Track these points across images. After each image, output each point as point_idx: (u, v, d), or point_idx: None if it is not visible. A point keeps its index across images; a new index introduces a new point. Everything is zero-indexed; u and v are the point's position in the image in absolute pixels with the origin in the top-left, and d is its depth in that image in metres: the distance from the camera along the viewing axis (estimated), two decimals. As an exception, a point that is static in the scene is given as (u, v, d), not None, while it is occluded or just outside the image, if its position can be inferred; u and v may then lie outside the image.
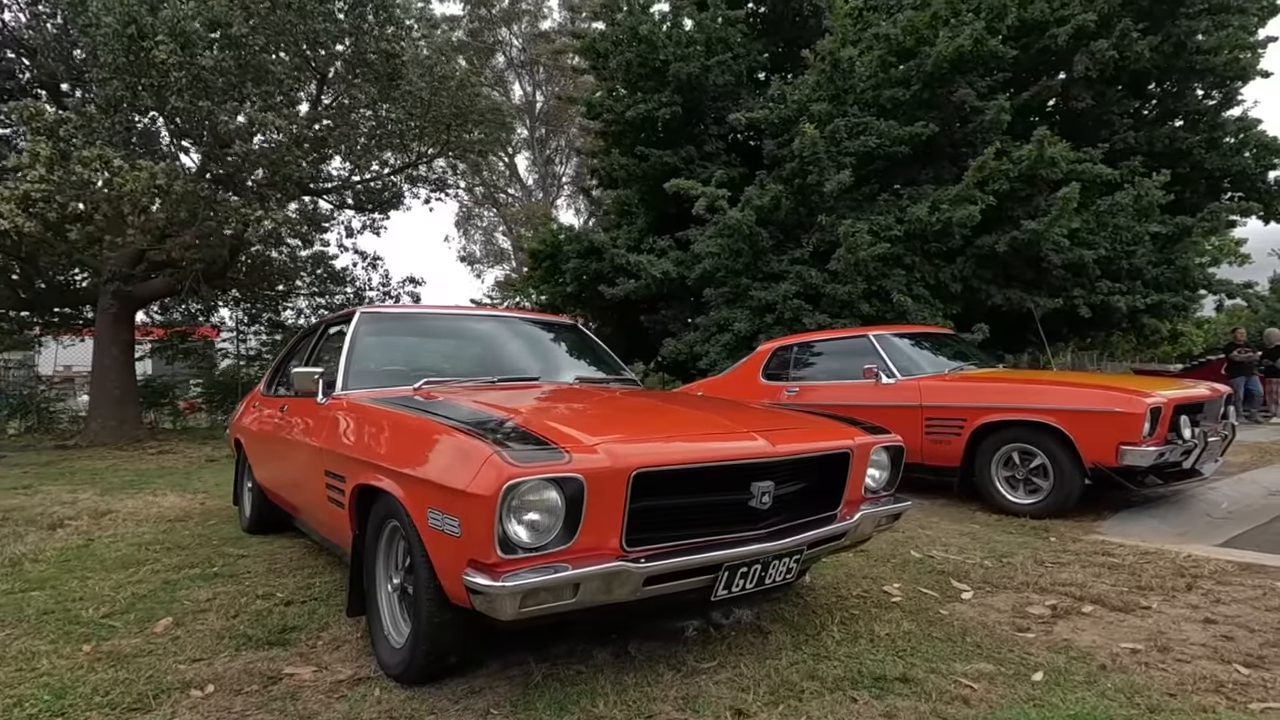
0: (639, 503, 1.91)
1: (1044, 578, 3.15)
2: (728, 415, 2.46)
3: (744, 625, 2.59)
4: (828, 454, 2.39)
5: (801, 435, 2.38)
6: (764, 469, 2.13)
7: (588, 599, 1.82)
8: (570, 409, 2.56)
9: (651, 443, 2.05)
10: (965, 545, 3.79)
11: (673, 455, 1.98)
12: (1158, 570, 3.22)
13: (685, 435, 2.21)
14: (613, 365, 3.79)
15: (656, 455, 1.94)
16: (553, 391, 2.98)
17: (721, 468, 2.05)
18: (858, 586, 3.08)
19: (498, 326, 3.72)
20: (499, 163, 37.57)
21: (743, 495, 2.12)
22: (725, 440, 2.16)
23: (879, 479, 2.67)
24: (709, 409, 2.63)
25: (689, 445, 2.08)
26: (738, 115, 11.64)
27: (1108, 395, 4.24)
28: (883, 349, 5.47)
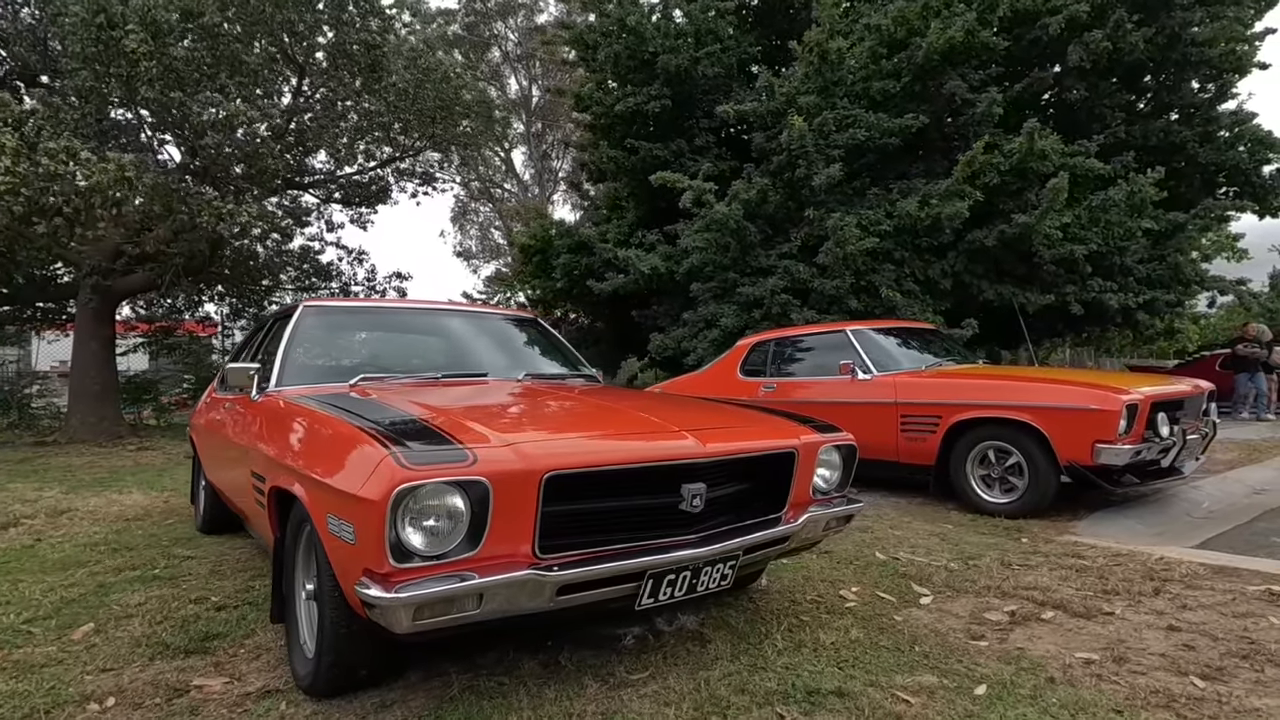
0: (554, 506, 1.80)
1: (1008, 581, 3.04)
2: (665, 413, 2.34)
3: (686, 632, 2.48)
4: (769, 454, 2.27)
5: (739, 434, 2.27)
6: (694, 470, 2.02)
7: (495, 610, 1.71)
8: (501, 407, 2.45)
9: (568, 443, 1.94)
10: (934, 547, 3.68)
11: (589, 456, 1.86)
12: (1127, 573, 3.11)
13: (610, 434, 2.09)
14: (570, 361, 3.67)
15: (572, 456, 1.83)
16: (494, 389, 2.86)
17: (645, 469, 1.93)
18: (814, 590, 2.97)
19: (451, 321, 3.60)
20: (495, 157, 37.48)
21: (673, 498, 2.01)
22: (651, 440, 2.04)
23: (830, 479, 2.55)
24: (650, 407, 2.52)
25: (609, 445, 1.96)
26: (725, 108, 11.48)
27: (1083, 392, 4.12)
28: (859, 344, 5.36)
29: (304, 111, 9.88)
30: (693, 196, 10.71)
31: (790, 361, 6.00)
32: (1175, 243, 11.54)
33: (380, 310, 3.47)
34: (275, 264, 12.29)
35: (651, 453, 1.95)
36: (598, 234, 13.15)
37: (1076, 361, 27.10)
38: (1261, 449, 7.28)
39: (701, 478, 2.04)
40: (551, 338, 3.87)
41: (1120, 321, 13.32)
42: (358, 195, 13.35)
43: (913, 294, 10.24)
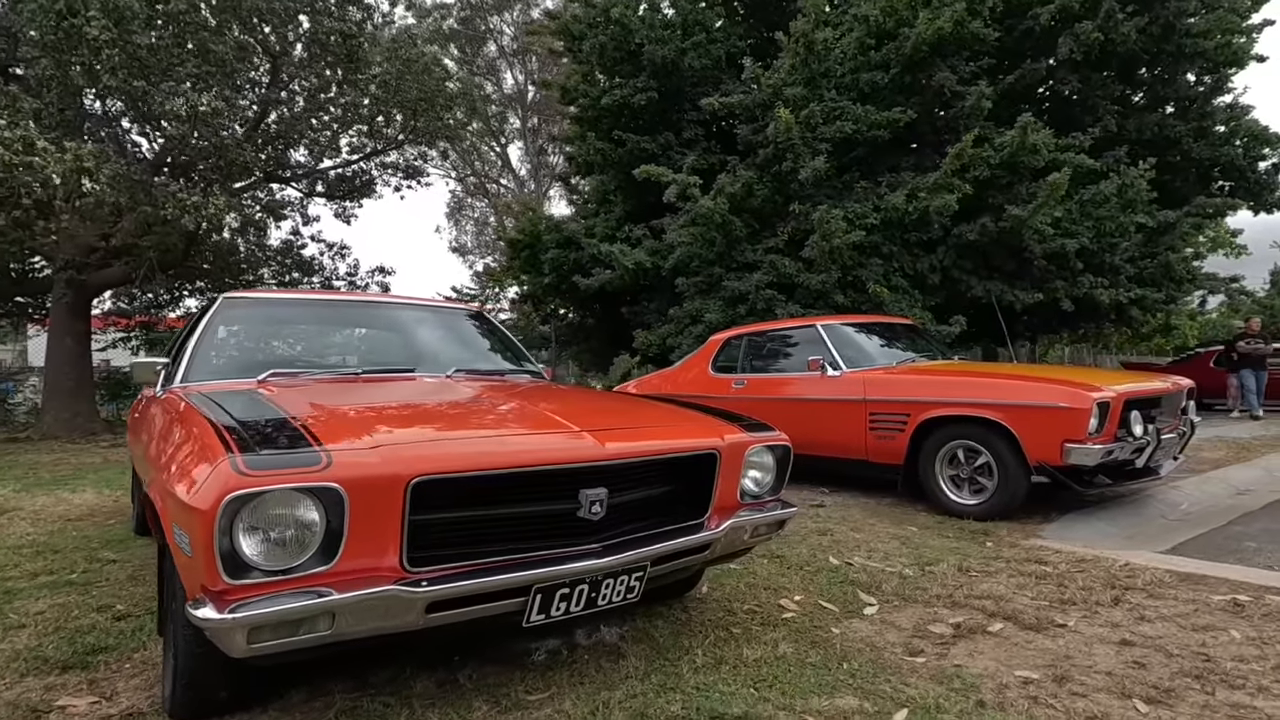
0: (429, 514, 1.64)
1: (962, 589, 2.87)
2: (575, 412, 2.17)
3: (605, 647, 2.32)
4: (686, 455, 2.11)
5: (651, 434, 2.10)
6: (593, 474, 1.85)
7: (354, 630, 1.55)
8: (402, 406, 2.28)
9: (444, 444, 1.77)
10: (892, 551, 3.51)
11: (464, 459, 1.69)
12: (1088, 581, 2.95)
13: (501, 435, 1.92)
14: (513, 356, 3.49)
15: (443, 459, 1.66)
16: (412, 386, 2.69)
17: (532, 473, 1.77)
18: (754, 598, 2.81)
19: (384, 315, 3.44)
20: (490, 152, 37.31)
21: (570, 504, 1.85)
22: (541, 441, 1.87)
23: (762, 482, 2.39)
24: (566, 406, 2.35)
25: (489, 446, 1.79)
26: (711, 100, 11.29)
27: (1052, 389, 3.95)
28: (829, 339, 5.19)
29: (280, 104, 9.69)
30: (677, 190, 10.54)
31: (762, 357, 5.83)
32: (1167, 240, 11.35)
33: (306, 303, 3.30)
34: (256, 259, 12.13)
35: (538, 455, 1.79)
36: (583, 228, 12.97)
37: (1076, 359, 26.90)
38: (1251, 448, 7.11)
39: (603, 482, 1.88)
40: (495, 332, 3.70)
41: (1114, 319, 13.16)
42: (341, 189, 13.18)
43: (901, 289, 10.06)
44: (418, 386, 2.68)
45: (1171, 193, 12.00)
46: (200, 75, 7.24)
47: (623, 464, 1.91)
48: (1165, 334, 19.26)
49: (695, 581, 2.82)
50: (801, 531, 3.94)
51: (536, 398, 2.49)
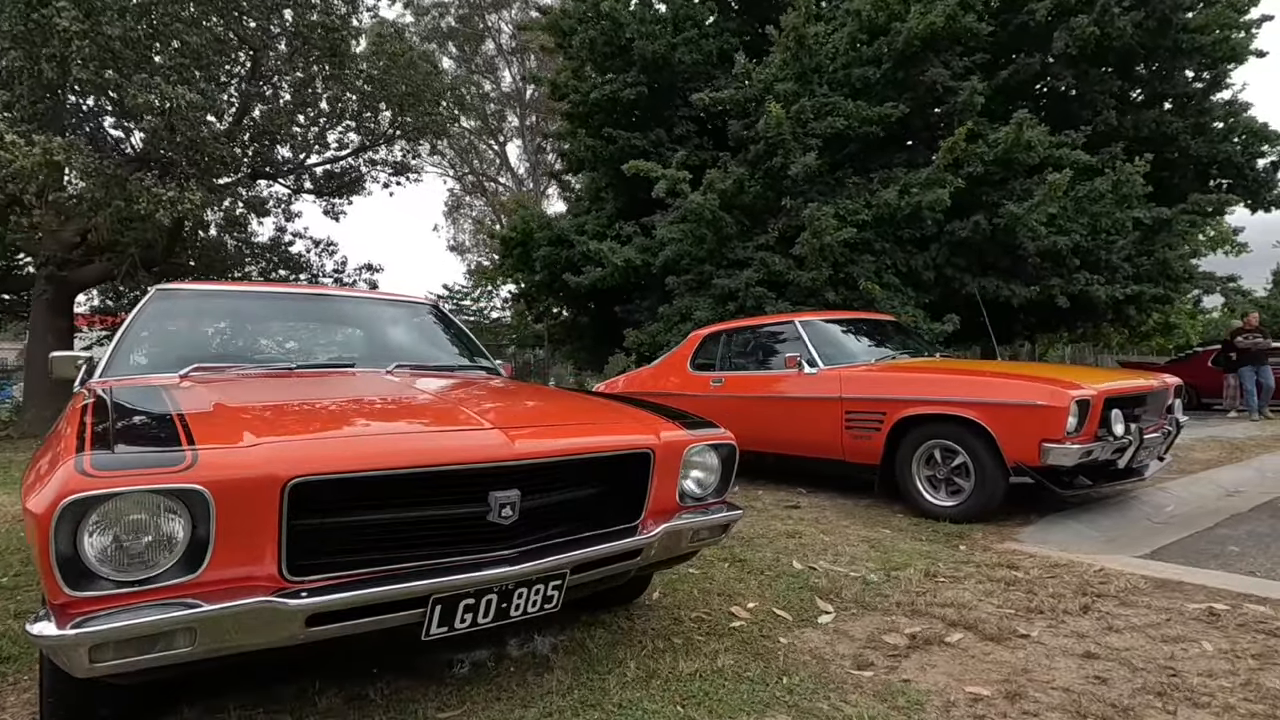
0: (312, 519, 1.51)
1: (926, 596, 2.73)
2: (493, 409, 2.04)
3: (536, 658, 2.18)
4: (614, 455, 1.97)
5: (574, 432, 1.97)
6: (503, 475, 1.72)
7: (222, 646, 1.42)
8: (311, 402, 2.13)
9: (330, 443, 1.63)
10: (860, 555, 3.37)
11: (351, 458, 1.55)
12: (1059, 588, 2.81)
13: (396, 432, 1.78)
14: (467, 352, 3.36)
15: (328, 459, 1.52)
16: (341, 381, 2.56)
17: (431, 474, 1.63)
18: (706, 605, 2.67)
19: (331, 308, 3.30)
20: (489, 151, 37.21)
21: (480, 507, 1.71)
22: (443, 439, 1.73)
23: (705, 483, 2.25)
24: (489, 400, 2.22)
25: (382, 446, 1.65)
26: (701, 95, 11.14)
27: (1030, 387, 3.80)
28: (808, 336, 5.04)
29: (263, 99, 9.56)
30: (666, 186, 10.40)
31: (741, 354, 5.69)
32: (1164, 237, 11.18)
33: (246, 295, 3.16)
34: (242, 255, 12.02)
35: (437, 454, 1.65)
36: (574, 226, 12.85)
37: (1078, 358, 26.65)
38: (1244, 448, 6.95)
39: (515, 484, 1.74)
40: (450, 327, 3.56)
41: (1111, 317, 12.99)
42: (329, 186, 13.06)
43: (893, 287, 9.91)
44: (348, 382, 2.54)
45: (1169, 190, 11.84)
46: (175, 68, 7.12)
47: (537, 464, 1.77)
48: (1165, 333, 19.08)
49: (643, 587, 2.69)
50: (770, 534, 3.80)
51: (467, 393, 2.35)
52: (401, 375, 2.76)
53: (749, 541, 3.64)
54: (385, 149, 13.06)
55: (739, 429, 5.42)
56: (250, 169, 11.28)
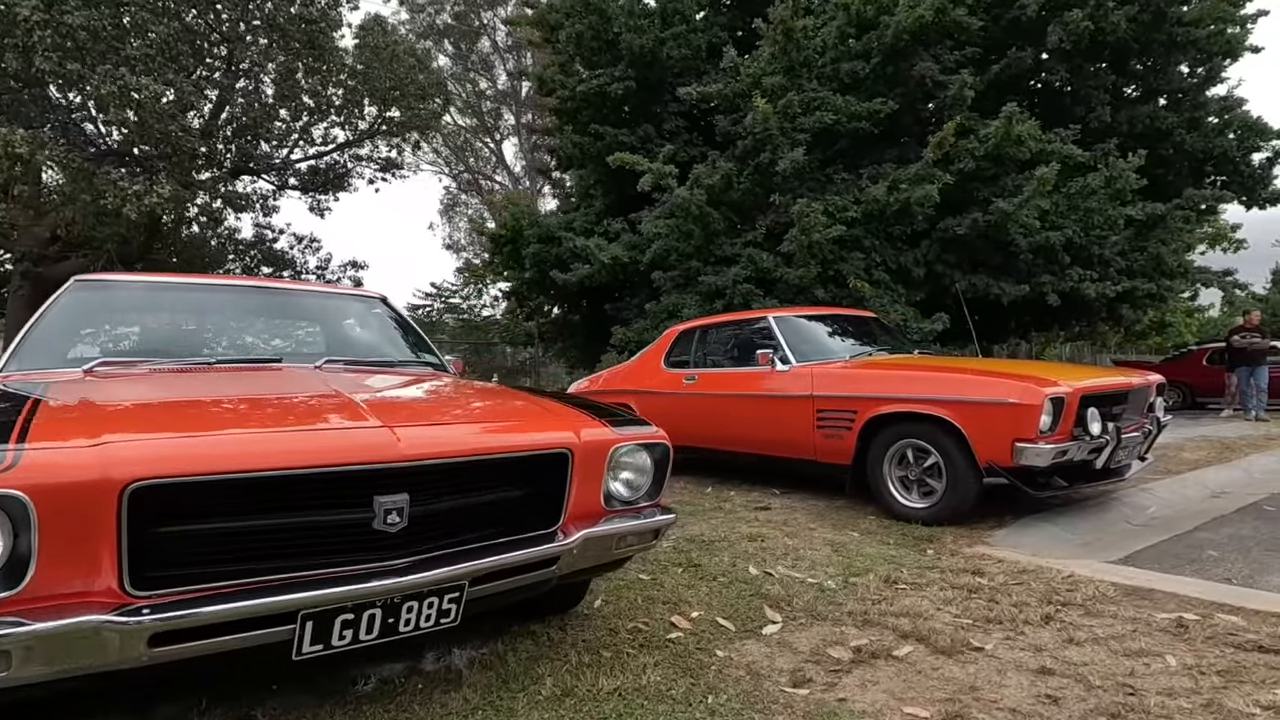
0: (160, 526, 1.36)
1: (882, 605, 2.58)
2: (393, 406, 1.90)
3: (450, 673, 2.03)
4: (523, 456, 1.82)
5: (478, 432, 1.82)
6: (388, 477, 1.57)
7: (47, 670, 1.27)
8: (199, 399, 1.98)
9: (180, 443, 1.47)
10: (822, 560, 3.22)
11: (203, 460, 1.40)
12: (1023, 595, 2.66)
13: (265, 431, 1.62)
14: (412, 347, 3.22)
15: (175, 460, 1.38)
16: (253, 377, 2.40)
17: (301, 477, 1.48)
18: (647, 614, 2.52)
19: (264, 300, 3.15)
20: (485, 149, 37.04)
21: (364, 513, 1.56)
22: (317, 439, 1.58)
23: (635, 485, 2.10)
24: (397, 397, 2.07)
25: (241, 446, 1.50)
26: (689, 89, 10.98)
27: (1002, 384, 3.65)
28: (781, 332, 4.89)
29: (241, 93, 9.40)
30: (652, 180, 10.24)
31: (714, 351, 5.55)
32: (1158, 233, 11.02)
33: (172, 287, 3.00)
34: (223, 252, 11.87)
35: (307, 456, 1.50)
36: (561, 223, 12.70)
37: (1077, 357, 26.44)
38: (1235, 447, 6.80)
39: (404, 487, 1.59)
40: (395, 321, 3.41)
41: (1105, 315, 12.84)
42: (314, 182, 12.91)
43: (883, 284, 9.77)
44: (265, 378, 2.39)
45: (1164, 187, 11.69)
46: (142, 59, 6.96)
47: (428, 466, 1.62)
48: (1160, 331, 18.91)
49: (579, 595, 2.54)
50: (733, 537, 3.66)
51: (384, 390, 2.21)
52: (331, 371, 2.62)
53: (709, 545, 3.49)
54: (370, 145, 12.90)
55: (712, 428, 5.33)
56: (232, 165, 11.14)
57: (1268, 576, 2.90)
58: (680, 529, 3.88)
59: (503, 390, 2.46)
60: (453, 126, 36.17)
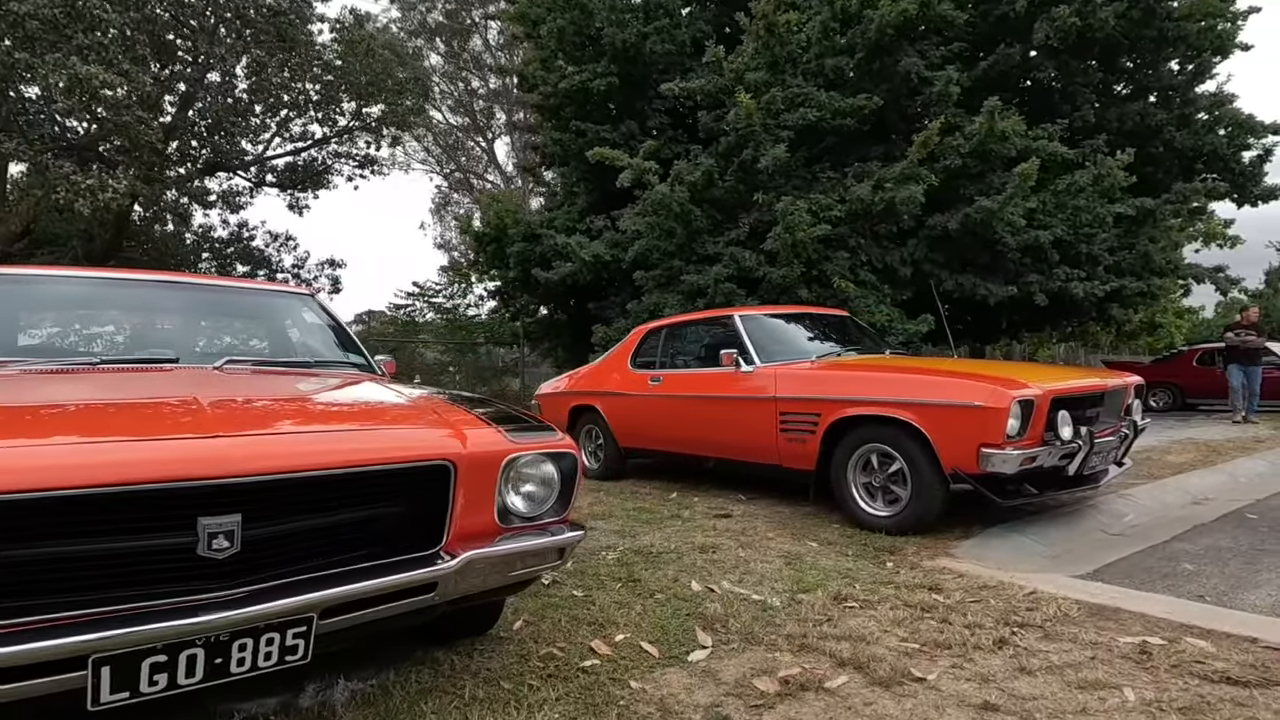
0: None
1: (824, 626, 2.38)
2: (248, 410, 1.69)
3: (325, 710, 1.82)
4: (392, 468, 1.61)
5: (333, 441, 1.61)
6: (214, 496, 1.36)
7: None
8: (48, 405, 1.77)
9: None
10: (773, 573, 3.02)
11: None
12: (980, 615, 2.46)
13: (66, 443, 1.41)
14: (333, 347, 3.00)
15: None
16: (133, 379, 2.19)
17: (100, 496, 1.27)
18: (567, 638, 2.31)
19: (172, 295, 2.92)
20: (476, 148, 36.82)
21: (186, 537, 1.35)
22: (121, 451, 1.37)
23: (538, 498, 1.90)
24: (263, 400, 1.87)
25: (28, 462, 1.28)
26: (670, 85, 10.78)
27: (967, 385, 3.45)
28: (746, 331, 4.69)
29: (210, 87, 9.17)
30: (632, 176, 10.04)
31: (681, 351, 5.34)
32: (1147, 230, 10.85)
33: (65, 280, 2.78)
34: (198, 250, 11.64)
35: (105, 471, 1.28)
36: (543, 220, 12.49)
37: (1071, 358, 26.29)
38: (1221, 450, 6.62)
39: (236, 506, 1.39)
40: (323, 321, 3.19)
41: (1095, 315, 12.68)
42: (292, 179, 12.68)
43: (868, 284, 9.57)
44: (141, 380, 2.18)
45: (1153, 185, 11.51)
46: (93, 47, 6.73)
47: (265, 482, 1.41)
48: (1151, 332, 18.76)
49: (493, 616, 2.33)
50: (683, 548, 3.45)
51: (261, 394, 2.00)
52: (231, 372, 2.41)
53: (656, 558, 3.29)
54: (349, 141, 12.67)
55: (676, 430, 5.12)
56: (207, 161, 10.91)
57: (1243, 593, 2.71)
58: (631, 539, 3.69)
59: (407, 395, 2.25)
60: (444, 125, 35.99)
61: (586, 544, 3.58)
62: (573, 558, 3.27)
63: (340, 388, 2.35)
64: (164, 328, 2.76)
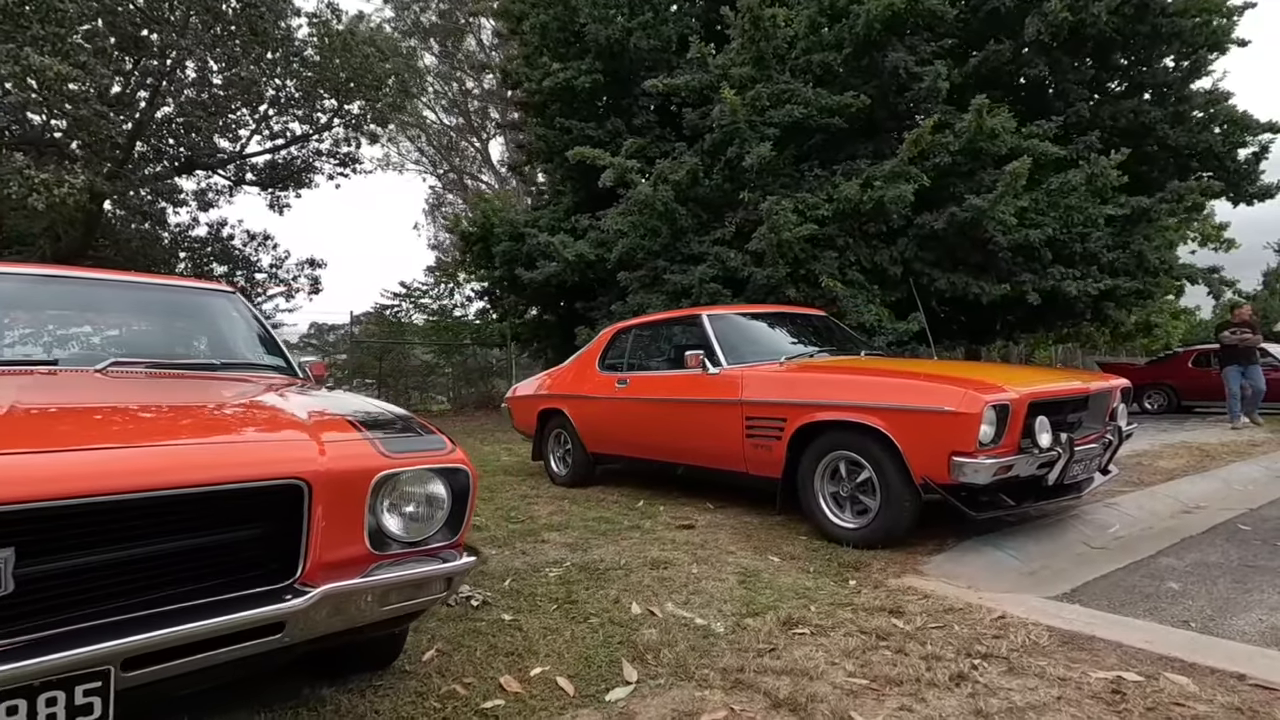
0: None
1: (766, 657, 2.15)
2: (89, 419, 1.45)
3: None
4: (222, 490, 1.38)
5: (148, 457, 1.37)
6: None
7: None
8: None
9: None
10: (724, 593, 2.78)
11: None
12: (940, 643, 2.22)
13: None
14: (250, 349, 2.77)
15: None
16: (4, 383, 1.96)
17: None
18: (479, 671, 2.08)
19: (66, 291, 2.69)
20: (470, 148, 36.65)
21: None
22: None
23: (422, 519, 1.66)
24: (112, 407, 1.63)
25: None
26: (655, 81, 10.55)
27: (937, 389, 3.21)
28: (713, 331, 4.45)
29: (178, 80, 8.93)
30: (614, 175, 9.81)
31: (649, 353, 5.11)
32: (1141, 228, 10.63)
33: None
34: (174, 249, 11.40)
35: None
36: (528, 219, 12.27)
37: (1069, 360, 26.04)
38: (1216, 455, 6.39)
39: (7, 537, 1.15)
40: (244, 320, 2.96)
41: (1090, 316, 12.45)
42: (273, 177, 12.44)
43: (857, 283, 9.34)
44: (10, 384, 1.94)
45: (1148, 184, 11.30)
46: (47, 38, 6.50)
47: (43, 509, 1.18)
48: (1147, 333, 18.55)
49: (395, 647, 2.09)
50: (634, 563, 3.22)
51: (120, 402, 1.76)
52: (116, 376, 2.19)
53: (601, 575, 3.06)
54: (330, 139, 12.44)
55: (642, 435, 4.88)
56: (185, 159, 10.68)
57: (1231, 618, 2.47)
58: (582, 553, 3.45)
59: (298, 402, 2.01)
60: (439, 125, 35.80)
61: (532, 559, 3.35)
62: (512, 575, 3.05)
63: (224, 393, 2.11)
64: (59, 324, 2.53)
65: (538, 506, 4.70)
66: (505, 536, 3.82)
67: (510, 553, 3.48)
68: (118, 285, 2.86)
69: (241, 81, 9.86)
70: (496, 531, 3.95)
